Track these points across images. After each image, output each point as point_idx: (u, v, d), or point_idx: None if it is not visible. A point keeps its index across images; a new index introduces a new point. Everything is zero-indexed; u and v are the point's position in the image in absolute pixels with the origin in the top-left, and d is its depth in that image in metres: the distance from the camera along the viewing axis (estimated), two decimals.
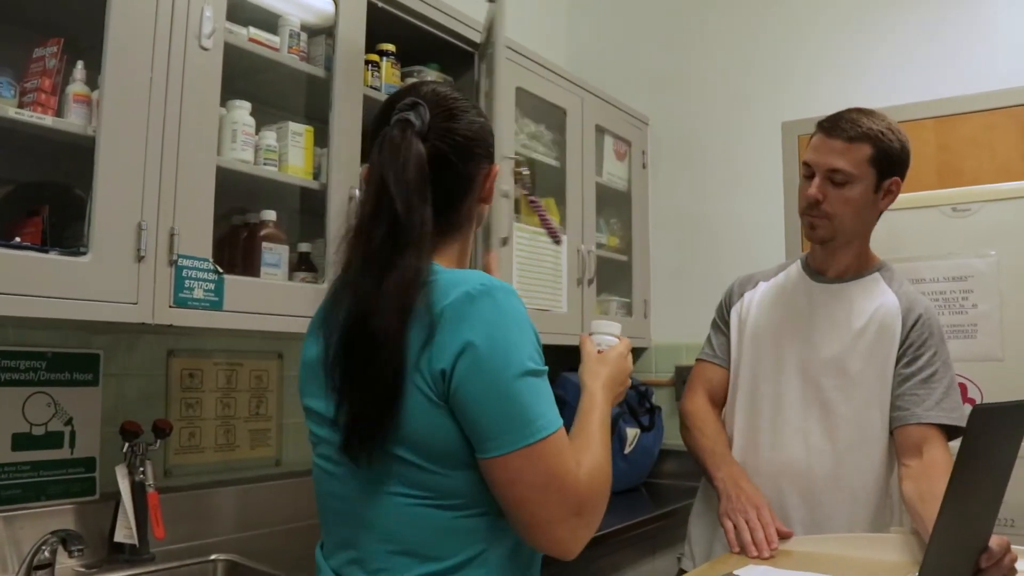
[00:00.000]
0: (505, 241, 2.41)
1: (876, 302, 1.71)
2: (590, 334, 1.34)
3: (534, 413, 1.01)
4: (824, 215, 1.67)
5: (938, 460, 1.58)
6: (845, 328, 1.71)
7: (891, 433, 1.68)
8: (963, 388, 2.26)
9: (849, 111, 1.68)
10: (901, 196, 2.43)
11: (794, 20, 3.11)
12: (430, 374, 1.01)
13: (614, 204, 3.21)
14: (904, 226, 2.38)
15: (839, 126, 1.64)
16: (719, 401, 1.89)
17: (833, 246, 1.73)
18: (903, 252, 2.36)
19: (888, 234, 2.39)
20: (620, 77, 3.43)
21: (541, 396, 1.03)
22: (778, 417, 1.74)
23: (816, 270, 1.80)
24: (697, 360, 1.96)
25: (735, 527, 1.57)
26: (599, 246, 3.01)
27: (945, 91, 2.78)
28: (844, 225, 1.68)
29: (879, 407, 1.68)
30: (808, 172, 1.69)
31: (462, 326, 1.00)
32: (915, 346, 1.67)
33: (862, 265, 1.77)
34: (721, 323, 1.92)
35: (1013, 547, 1.28)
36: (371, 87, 2.07)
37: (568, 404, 2.78)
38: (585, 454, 1.08)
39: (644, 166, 3.32)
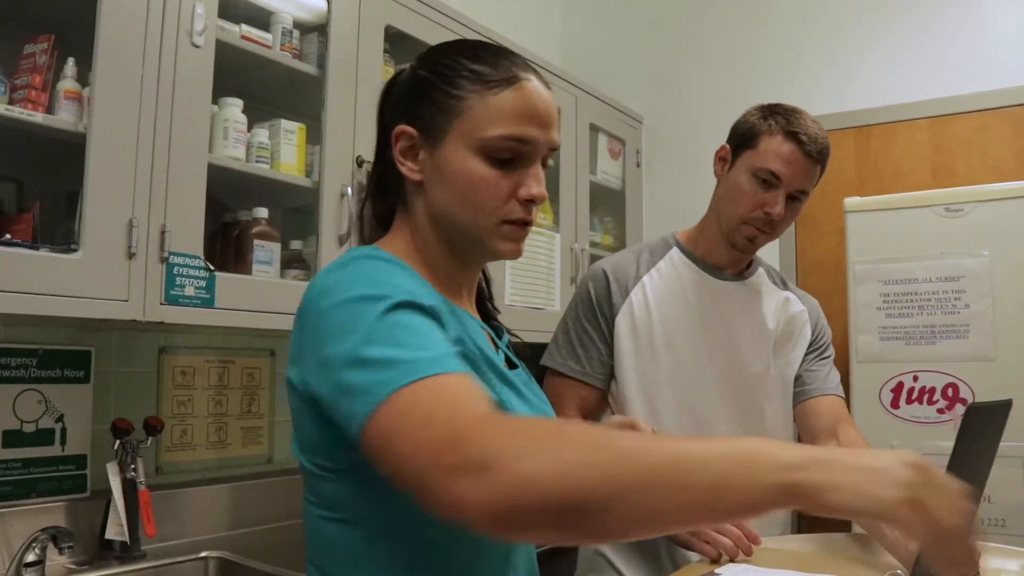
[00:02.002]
0: None
1: (774, 301, 1.67)
2: None
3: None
4: (774, 231, 1.55)
5: (858, 442, 1.57)
6: (762, 333, 1.63)
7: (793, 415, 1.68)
8: (955, 388, 2.27)
9: (807, 120, 1.51)
10: (895, 196, 2.48)
11: (789, 20, 3.11)
12: None
13: (608, 202, 3.21)
14: (897, 226, 2.38)
15: (817, 143, 1.48)
16: None
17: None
18: (896, 252, 2.37)
19: (881, 234, 2.40)
20: (614, 75, 3.42)
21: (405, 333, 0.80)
22: (712, 432, 1.57)
23: (713, 265, 1.64)
24: (556, 374, 1.61)
25: (704, 538, 1.42)
26: (593, 244, 3.01)
27: (939, 91, 2.79)
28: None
29: (790, 408, 1.68)
30: (771, 180, 1.50)
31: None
32: (820, 338, 1.71)
33: (749, 260, 1.70)
34: (595, 332, 1.60)
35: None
36: None
37: None
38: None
39: (638, 165, 3.32)
